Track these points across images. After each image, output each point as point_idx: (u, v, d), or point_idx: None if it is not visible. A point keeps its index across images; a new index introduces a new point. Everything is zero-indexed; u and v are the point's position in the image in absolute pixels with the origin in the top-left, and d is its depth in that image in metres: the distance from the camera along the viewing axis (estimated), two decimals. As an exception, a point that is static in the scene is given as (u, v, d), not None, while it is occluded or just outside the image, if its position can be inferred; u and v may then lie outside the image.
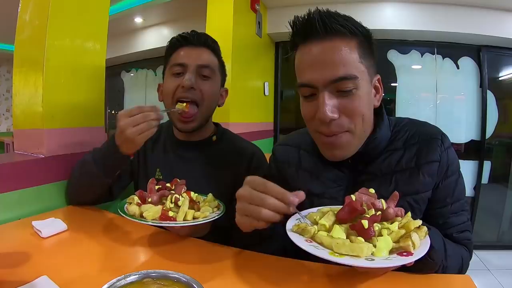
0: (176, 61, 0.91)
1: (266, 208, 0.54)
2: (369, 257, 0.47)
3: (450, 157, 0.69)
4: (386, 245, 0.48)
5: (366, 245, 0.47)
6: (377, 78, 0.70)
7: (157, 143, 1.00)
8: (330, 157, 0.69)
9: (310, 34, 0.63)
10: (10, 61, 5.16)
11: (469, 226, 0.72)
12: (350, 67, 0.61)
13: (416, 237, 0.49)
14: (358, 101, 0.63)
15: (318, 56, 0.62)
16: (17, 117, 1.06)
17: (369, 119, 0.68)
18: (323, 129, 0.65)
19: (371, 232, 0.49)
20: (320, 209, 0.62)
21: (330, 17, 0.62)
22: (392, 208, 0.55)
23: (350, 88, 0.62)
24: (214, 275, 0.59)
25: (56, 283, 0.51)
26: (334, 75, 0.61)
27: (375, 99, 0.70)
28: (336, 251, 0.48)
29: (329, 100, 0.62)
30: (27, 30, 1.04)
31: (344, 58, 0.61)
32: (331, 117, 0.62)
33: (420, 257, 0.46)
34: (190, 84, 0.87)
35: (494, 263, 2.66)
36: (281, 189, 0.55)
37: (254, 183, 0.56)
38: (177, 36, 0.94)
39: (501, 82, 2.99)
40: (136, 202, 0.69)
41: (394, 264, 0.46)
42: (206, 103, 0.91)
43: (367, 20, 0.69)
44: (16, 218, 0.84)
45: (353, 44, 0.62)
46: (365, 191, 0.58)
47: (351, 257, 0.46)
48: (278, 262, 0.64)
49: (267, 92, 3.04)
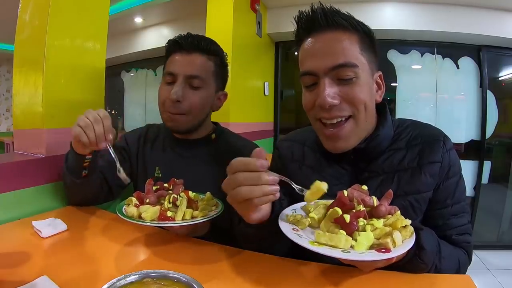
0: (168, 69, 0.91)
1: (243, 185, 0.53)
2: (346, 250, 0.48)
3: (452, 158, 0.70)
4: (366, 240, 0.49)
5: (345, 237, 0.49)
6: (379, 74, 0.71)
7: (156, 142, 1.01)
8: (332, 149, 0.70)
9: (314, 28, 0.66)
10: (10, 61, 5.16)
11: (469, 229, 0.72)
12: (350, 56, 0.64)
13: (398, 236, 0.49)
14: (358, 89, 0.64)
15: (319, 46, 0.65)
16: (17, 117, 1.06)
17: (371, 109, 0.68)
18: (324, 114, 0.66)
19: (353, 226, 0.51)
20: (316, 202, 0.62)
21: (332, 11, 0.65)
22: (384, 206, 0.55)
23: (350, 76, 0.64)
24: (214, 275, 0.59)
25: (56, 283, 0.51)
26: (334, 62, 0.63)
27: (377, 94, 0.71)
28: (317, 240, 0.50)
29: (329, 86, 0.64)
30: (27, 30, 1.04)
31: (345, 48, 0.64)
32: (331, 103, 0.63)
33: (397, 255, 0.47)
34: (176, 98, 0.87)
35: (494, 263, 2.66)
36: (247, 159, 0.53)
37: (228, 171, 0.55)
38: (172, 39, 0.93)
39: (501, 82, 2.99)
40: (134, 203, 0.69)
41: (368, 258, 0.47)
42: (194, 113, 0.91)
43: (367, 20, 0.69)
44: (16, 218, 0.84)
45: (354, 37, 0.65)
46: (357, 187, 0.59)
47: (329, 247, 0.48)
48: (278, 262, 0.64)
49: (267, 92, 3.04)
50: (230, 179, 0.54)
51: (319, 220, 0.57)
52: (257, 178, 0.52)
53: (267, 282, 0.57)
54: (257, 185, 0.52)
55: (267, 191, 0.52)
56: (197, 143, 0.97)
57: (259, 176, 0.52)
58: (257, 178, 0.52)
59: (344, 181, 0.73)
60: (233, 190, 0.53)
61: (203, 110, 0.94)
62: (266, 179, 0.52)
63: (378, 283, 0.55)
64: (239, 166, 0.53)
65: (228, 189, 0.55)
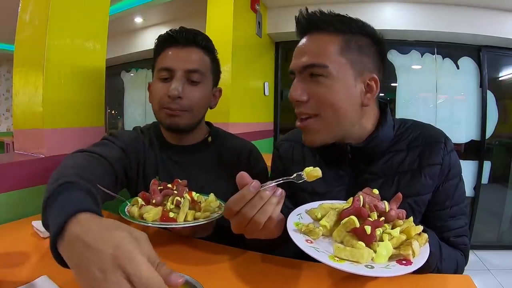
0: (163, 64, 0.84)
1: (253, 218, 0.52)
2: (369, 263, 0.46)
3: (452, 160, 0.69)
4: (386, 251, 0.48)
5: (367, 251, 0.47)
6: (371, 76, 0.68)
7: (152, 150, 0.93)
8: (304, 141, 0.72)
9: (303, 30, 0.71)
10: (10, 61, 5.16)
11: (466, 231, 0.72)
12: (322, 57, 0.65)
13: (417, 245, 0.49)
14: (326, 89, 0.66)
15: (300, 47, 0.70)
16: (17, 117, 1.06)
17: (346, 112, 0.67)
18: (296, 110, 0.70)
19: (373, 238, 0.49)
20: (321, 204, 0.62)
21: (315, 16, 0.68)
22: (394, 210, 0.55)
23: (318, 74, 0.66)
24: (215, 275, 0.59)
25: (56, 283, 0.51)
26: (305, 62, 0.67)
27: (365, 97, 0.68)
28: (336, 255, 0.48)
29: (298, 83, 0.68)
30: (27, 30, 1.04)
31: (319, 49, 0.66)
32: (297, 98, 0.67)
33: (418, 266, 0.46)
34: (177, 94, 0.81)
35: (494, 263, 2.66)
36: (240, 195, 0.52)
37: (229, 215, 0.54)
38: (165, 34, 0.87)
39: (501, 82, 2.99)
40: (140, 204, 0.67)
41: (393, 274, 0.45)
42: (195, 110, 0.87)
43: (367, 20, 0.69)
44: (16, 218, 0.84)
45: (335, 39, 0.66)
46: (369, 191, 0.58)
47: (351, 262, 0.46)
48: (279, 262, 0.64)
49: (267, 92, 3.04)
50: (238, 220, 0.53)
51: (331, 228, 0.55)
52: (259, 202, 0.51)
53: (268, 282, 0.57)
54: (266, 203, 0.51)
55: (276, 201, 0.52)
56: (194, 149, 0.93)
57: (260, 198, 0.51)
58: (259, 202, 0.51)
59: (344, 183, 0.73)
60: (247, 226, 0.53)
61: (203, 106, 0.90)
62: (267, 195, 0.51)
63: (379, 283, 0.55)
64: (238, 204, 0.52)
65: (241, 230, 0.54)
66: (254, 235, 0.55)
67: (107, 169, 0.76)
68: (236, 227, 0.54)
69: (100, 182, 0.62)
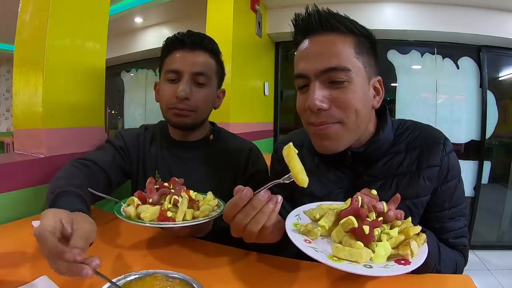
0: (171, 66, 0.89)
1: (248, 222, 0.53)
2: (368, 263, 0.46)
3: (451, 161, 0.69)
4: (385, 251, 0.48)
5: (365, 251, 0.47)
6: (377, 79, 0.68)
7: (154, 144, 0.99)
8: (320, 149, 0.68)
9: (309, 30, 0.65)
10: (10, 61, 5.16)
11: (465, 232, 0.71)
12: (342, 59, 0.62)
13: (415, 245, 0.49)
14: (350, 94, 0.62)
15: (312, 48, 0.64)
16: (17, 117, 1.07)
17: (364, 115, 0.66)
18: (313, 119, 0.65)
19: (371, 238, 0.49)
20: (319, 205, 0.61)
21: (327, 14, 0.64)
22: (392, 210, 0.55)
23: (342, 80, 0.62)
24: (214, 275, 0.59)
25: (56, 283, 0.51)
26: (325, 65, 0.62)
27: (375, 100, 0.69)
28: (335, 255, 0.48)
29: (319, 89, 0.63)
30: (27, 30, 1.04)
31: (338, 51, 0.62)
32: (319, 106, 0.62)
33: (417, 266, 0.46)
34: (185, 95, 0.86)
35: (494, 263, 2.66)
36: (234, 201, 0.53)
37: (227, 219, 0.55)
38: (173, 37, 0.91)
39: (501, 82, 2.99)
40: (136, 203, 0.66)
41: (392, 273, 0.45)
42: (201, 110, 0.91)
43: (367, 20, 0.69)
44: (16, 218, 0.84)
45: (349, 40, 0.63)
46: (367, 192, 0.58)
47: (349, 262, 0.46)
48: (278, 262, 0.64)
49: (267, 92, 3.04)
50: (234, 226, 0.54)
51: (329, 228, 0.55)
52: (251, 211, 0.51)
53: (268, 282, 0.57)
54: (258, 212, 0.52)
55: (269, 210, 0.52)
56: (196, 145, 0.97)
57: (252, 208, 0.51)
58: (251, 211, 0.51)
59: (342, 186, 0.73)
60: (244, 231, 0.53)
61: (209, 106, 0.95)
62: (259, 203, 0.51)
63: (379, 283, 0.55)
64: (232, 211, 0.53)
65: (239, 235, 0.55)
66: (251, 240, 0.55)
67: (96, 174, 0.86)
68: (234, 232, 0.55)
69: (89, 186, 0.74)
